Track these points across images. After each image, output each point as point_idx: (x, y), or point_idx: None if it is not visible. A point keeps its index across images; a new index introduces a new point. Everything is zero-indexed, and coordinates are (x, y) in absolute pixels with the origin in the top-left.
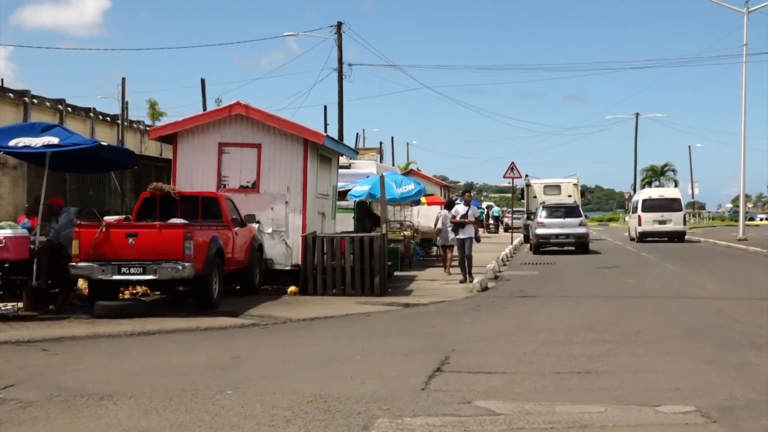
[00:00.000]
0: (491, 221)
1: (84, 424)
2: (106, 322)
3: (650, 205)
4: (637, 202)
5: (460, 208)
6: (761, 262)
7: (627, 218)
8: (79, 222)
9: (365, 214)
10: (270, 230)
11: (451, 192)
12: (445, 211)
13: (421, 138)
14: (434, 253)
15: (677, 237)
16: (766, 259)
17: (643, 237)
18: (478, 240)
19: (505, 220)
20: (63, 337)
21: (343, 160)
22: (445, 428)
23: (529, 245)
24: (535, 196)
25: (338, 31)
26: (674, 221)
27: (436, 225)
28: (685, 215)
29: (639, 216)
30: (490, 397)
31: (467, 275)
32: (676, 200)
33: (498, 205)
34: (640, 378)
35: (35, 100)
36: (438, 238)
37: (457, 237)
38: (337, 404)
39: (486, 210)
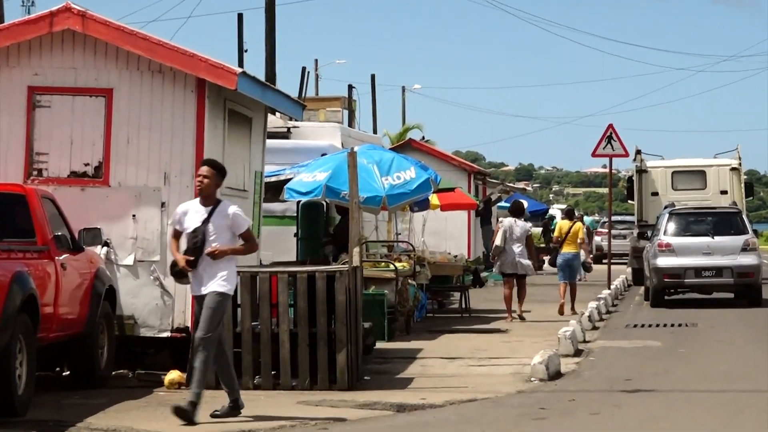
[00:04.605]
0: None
1: None
2: None
3: None
4: None
5: (188, 221)
6: None
7: None
8: None
9: (321, 224)
10: (131, 260)
11: (488, 185)
12: (511, 220)
13: (431, 79)
14: (455, 305)
15: None
16: None
17: None
18: (588, 269)
19: (596, 240)
20: None
21: (275, 120)
22: None
23: (642, 289)
24: (655, 193)
25: None
26: None
27: (492, 241)
28: None
29: None
30: None
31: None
32: None
33: (585, 212)
34: None
35: None
36: (497, 264)
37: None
38: None
39: (543, 220)
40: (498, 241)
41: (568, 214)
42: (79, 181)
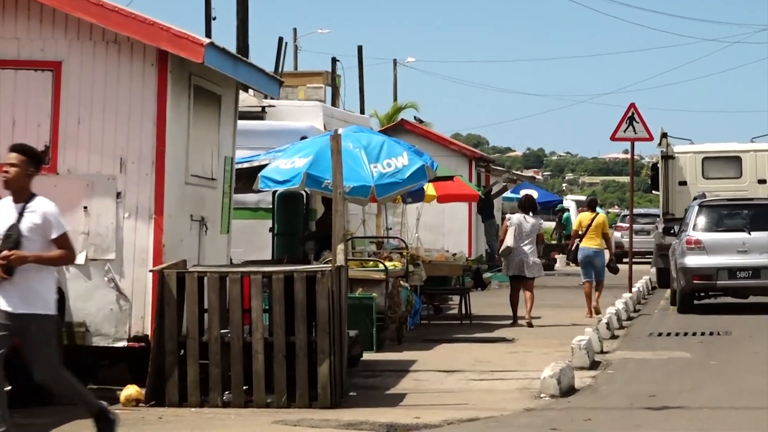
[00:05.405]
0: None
1: None
2: None
3: None
4: None
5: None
6: None
7: None
8: None
9: (301, 218)
10: (81, 258)
11: (493, 173)
12: (520, 216)
13: (427, 51)
14: (453, 310)
15: None
16: None
17: None
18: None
19: (616, 236)
20: None
21: (247, 98)
22: None
23: (669, 292)
24: (683, 182)
25: None
26: None
27: (502, 240)
28: None
29: None
30: None
31: None
32: None
33: (600, 204)
34: None
35: None
36: (504, 265)
37: None
38: None
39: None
40: (509, 241)
41: (591, 205)
42: None
